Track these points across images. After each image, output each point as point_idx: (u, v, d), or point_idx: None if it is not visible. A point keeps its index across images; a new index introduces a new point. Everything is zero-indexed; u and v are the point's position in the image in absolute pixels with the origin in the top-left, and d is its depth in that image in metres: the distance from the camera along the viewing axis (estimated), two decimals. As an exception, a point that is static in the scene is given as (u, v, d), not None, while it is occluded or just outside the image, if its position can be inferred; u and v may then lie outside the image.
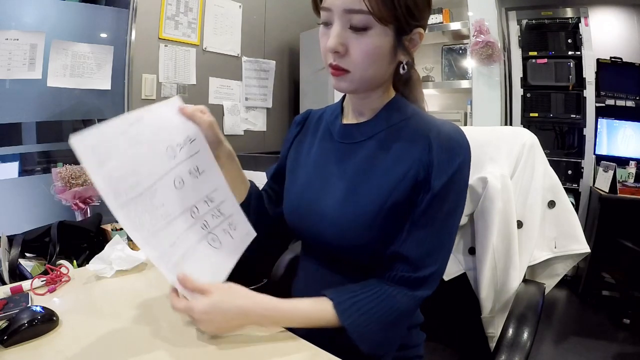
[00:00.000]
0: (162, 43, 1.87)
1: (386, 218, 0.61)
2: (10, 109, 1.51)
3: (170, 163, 0.58)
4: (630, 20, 2.38)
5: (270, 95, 2.49)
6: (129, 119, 0.55)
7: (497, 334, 0.83)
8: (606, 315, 2.07)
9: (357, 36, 0.58)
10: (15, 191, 1.56)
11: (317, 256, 0.72)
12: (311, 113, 0.82)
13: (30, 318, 0.57)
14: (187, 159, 0.61)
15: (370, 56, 0.59)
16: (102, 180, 0.51)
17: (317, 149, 0.73)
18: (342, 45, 0.59)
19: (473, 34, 2.23)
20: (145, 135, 0.56)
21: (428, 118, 0.66)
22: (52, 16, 1.59)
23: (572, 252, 0.89)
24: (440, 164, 0.60)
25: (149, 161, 0.56)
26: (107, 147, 0.52)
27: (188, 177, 0.61)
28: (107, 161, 0.51)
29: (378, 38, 0.58)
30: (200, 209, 0.62)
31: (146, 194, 0.55)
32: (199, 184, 0.62)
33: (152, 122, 0.57)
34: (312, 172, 0.71)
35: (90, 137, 0.51)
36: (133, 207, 0.53)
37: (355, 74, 0.61)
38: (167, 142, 0.59)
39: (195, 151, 0.62)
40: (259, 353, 0.56)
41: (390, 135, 0.66)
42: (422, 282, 0.61)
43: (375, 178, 0.63)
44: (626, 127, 2.33)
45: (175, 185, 0.59)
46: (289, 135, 0.82)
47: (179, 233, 0.59)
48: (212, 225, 0.64)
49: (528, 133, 0.91)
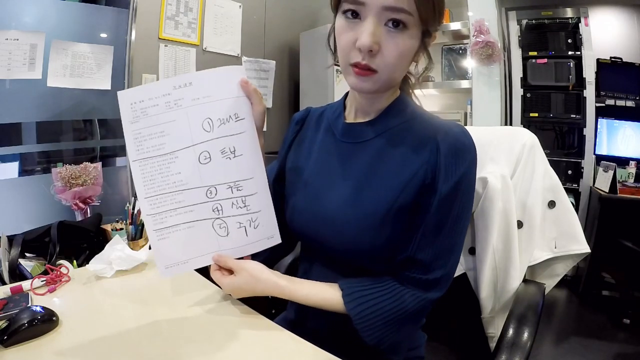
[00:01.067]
0: (162, 43, 1.87)
1: (393, 221, 0.60)
2: (10, 109, 1.51)
3: (202, 136, 0.58)
4: (630, 20, 2.38)
5: (270, 95, 2.49)
6: (177, 81, 0.56)
7: (497, 334, 0.83)
8: (606, 315, 2.07)
9: (393, 35, 0.55)
10: (15, 191, 1.56)
11: (319, 258, 0.71)
12: (311, 111, 0.79)
13: (30, 318, 0.57)
14: (224, 136, 0.59)
15: (402, 57, 0.58)
16: (130, 134, 0.55)
17: (319, 148, 0.72)
18: (377, 44, 0.55)
19: (473, 34, 2.23)
20: (186, 101, 0.56)
21: (434, 119, 0.65)
22: (52, 16, 1.59)
23: (572, 252, 0.89)
24: (448, 167, 0.59)
25: (180, 128, 0.57)
26: (144, 105, 0.55)
27: (218, 156, 0.59)
28: (141, 119, 0.55)
29: (411, 40, 0.57)
30: (219, 192, 0.60)
31: (166, 158, 0.57)
32: (229, 166, 0.60)
33: (200, 89, 0.57)
34: (314, 171, 0.70)
35: (133, 93, 0.55)
36: (149, 165, 0.56)
37: (383, 75, 0.58)
38: (207, 114, 0.58)
39: (238, 131, 0.60)
40: (259, 353, 0.56)
41: (395, 136, 0.64)
42: (433, 285, 0.60)
43: (382, 180, 0.62)
44: (626, 127, 2.32)
45: (199, 159, 0.58)
46: (289, 134, 0.80)
47: (185, 204, 0.59)
48: (227, 213, 0.62)
49: (528, 133, 0.90)
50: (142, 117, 0.55)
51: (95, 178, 1.48)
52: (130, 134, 0.56)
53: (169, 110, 0.56)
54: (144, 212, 0.58)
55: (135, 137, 0.56)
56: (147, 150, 0.56)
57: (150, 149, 0.56)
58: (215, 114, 0.58)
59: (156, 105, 0.56)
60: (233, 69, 0.60)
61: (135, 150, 0.56)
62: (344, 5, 0.57)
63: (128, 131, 0.56)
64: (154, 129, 0.56)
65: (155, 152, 0.56)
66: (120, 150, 2.00)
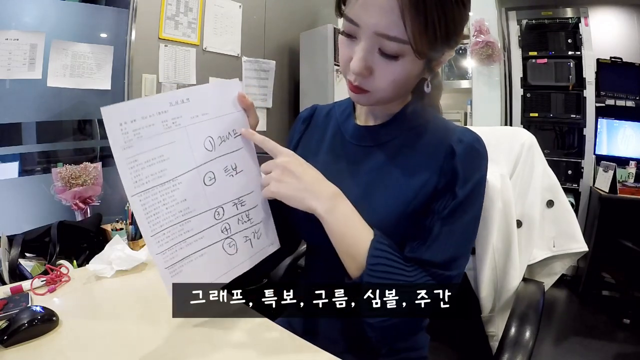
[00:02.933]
0: (162, 43, 1.87)
1: (405, 226, 0.60)
2: (10, 109, 1.52)
3: (205, 156, 0.53)
4: (630, 20, 2.38)
5: (270, 95, 2.49)
6: (173, 97, 0.49)
7: (497, 332, 0.84)
8: (606, 315, 2.07)
9: (385, 62, 0.53)
10: (15, 191, 1.56)
11: (328, 260, 0.68)
12: (317, 108, 0.78)
13: (30, 318, 0.57)
14: (226, 154, 0.55)
15: (396, 83, 0.56)
16: (124, 162, 0.46)
17: (327, 148, 0.71)
18: (367, 70, 0.54)
19: (473, 34, 2.24)
20: (185, 119, 0.50)
21: (446, 123, 0.65)
22: (52, 16, 1.59)
23: (571, 251, 0.90)
24: (465, 173, 0.59)
25: (182, 150, 0.50)
26: (138, 126, 0.46)
27: (222, 175, 0.55)
28: (135, 143, 0.46)
29: (407, 67, 0.54)
30: (226, 211, 0.57)
31: (168, 185, 0.49)
32: (232, 184, 0.57)
33: (198, 105, 0.52)
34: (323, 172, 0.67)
35: (122, 111, 0.46)
36: (151, 196, 0.48)
37: (377, 94, 0.57)
38: (209, 132, 0.53)
39: (238, 147, 0.57)
40: (259, 353, 0.56)
41: (408, 140, 0.64)
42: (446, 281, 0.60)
43: (393, 185, 0.62)
44: (626, 127, 2.32)
45: (204, 182, 0.53)
46: (294, 133, 0.78)
47: (195, 231, 0.53)
48: (234, 230, 0.58)
49: (527, 133, 0.91)
50: (137, 140, 0.47)
51: (95, 178, 1.48)
52: (124, 162, 0.46)
53: (168, 131, 0.49)
54: (152, 251, 0.50)
55: (131, 165, 0.47)
56: (146, 180, 0.48)
57: (150, 178, 0.48)
58: (216, 132, 0.54)
59: (152, 125, 0.48)
60: (230, 82, 0.56)
61: (133, 182, 0.47)
62: (344, 23, 0.56)
63: (121, 159, 0.46)
64: (152, 153, 0.48)
65: (156, 180, 0.49)
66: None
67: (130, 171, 0.47)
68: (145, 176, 0.48)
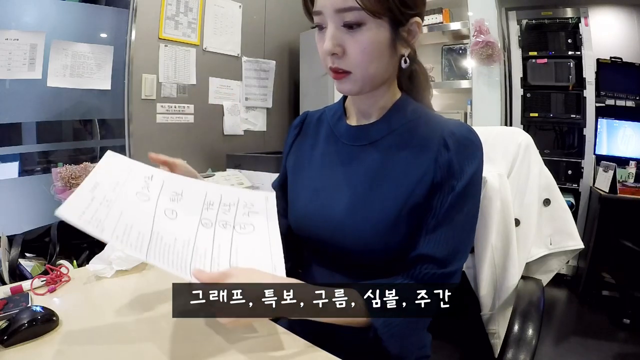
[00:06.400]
0: (162, 43, 1.87)
1: (406, 221, 0.60)
2: (10, 109, 1.52)
3: (149, 204, 0.57)
4: (630, 20, 2.38)
5: (270, 95, 2.49)
6: (86, 187, 0.54)
7: (498, 330, 0.84)
8: (606, 315, 2.07)
9: (352, 34, 0.57)
10: (15, 191, 1.56)
11: (329, 262, 0.69)
12: (308, 115, 0.79)
13: (30, 318, 0.57)
14: (160, 193, 0.60)
15: (368, 53, 0.58)
16: (115, 240, 0.50)
17: (321, 151, 0.71)
18: (338, 47, 0.58)
19: (473, 34, 2.23)
20: (110, 194, 0.55)
21: (438, 117, 0.65)
22: (52, 16, 1.59)
23: (567, 248, 0.91)
24: (461, 165, 0.59)
25: (133, 212, 0.55)
26: (91, 214, 0.50)
27: (174, 204, 0.59)
28: (104, 224, 0.50)
29: (373, 33, 0.57)
30: (210, 217, 0.60)
31: (154, 239, 0.52)
32: (188, 203, 0.61)
33: (108, 180, 0.57)
34: (318, 176, 0.69)
35: (74, 209, 0.50)
36: (153, 252, 0.51)
37: (357, 73, 0.59)
38: (133, 189, 0.58)
39: (160, 184, 0.61)
40: (260, 353, 0.56)
41: (400, 137, 0.64)
42: (447, 278, 0.60)
43: (391, 181, 0.62)
44: (626, 127, 2.32)
45: (170, 218, 0.57)
46: (288, 140, 0.80)
47: (207, 245, 0.56)
48: (231, 219, 0.62)
49: (523, 133, 0.92)
50: (103, 222, 0.50)
51: (95, 178, 1.48)
52: (114, 241, 0.50)
53: (110, 207, 0.53)
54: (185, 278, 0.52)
55: (120, 239, 0.50)
56: (139, 244, 0.51)
57: (139, 242, 0.51)
58: (137, 185, 0.58)
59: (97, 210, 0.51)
60: (105, 158, 0.61)
61: (135, 249, 0.50)
62: (313, 20, 0.61)
63: (108, 240, 0.50)
64: (121, 226, 0.51)
65: (144, 241, 0.51)
66: (120, 151, 2.00)
67: (125, 243, 0.50)
68: (134, 241, 0.51)
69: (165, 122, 1.87)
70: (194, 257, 0.53)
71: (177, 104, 1.93)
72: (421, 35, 0.64)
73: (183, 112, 1.97)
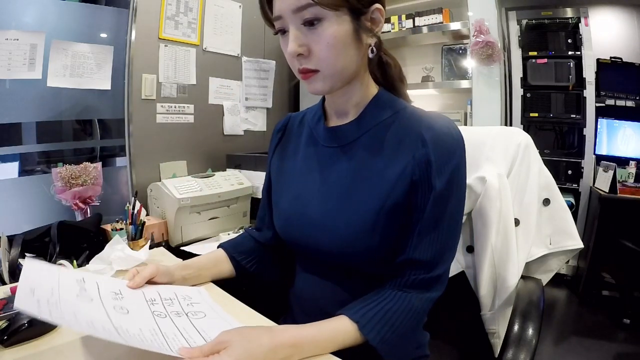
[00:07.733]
0: (162, 43, 1.87)
1: (386, 221, 0.60)
2: (10, 109, 1.51)
3: (95, 304, 0.55)
4: (630, 20, 2.38)
5: (270, 95, 2.49)
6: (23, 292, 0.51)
7: (498, 330, 0.84)
8: (606, 315, 2.07)
9: (314, 31, 0.56)
10: (15, 191, 1.56)
11: (315, 266, 0.70)
12: (291, 118, 0.79)
13: (30, 318, 0.57)
14: (99, 293, 0.58)
15: (333, 47, 0.57)
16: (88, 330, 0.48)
17: (303, 155, 0.71)
18: (303, 46, 0.57)
19: (473, 34, 2.23)
20: (51, 297, 0.52)
21: (416, 112, 0.64)
22: (52, 16, 1.59)
23: (567, 248, 0.91)
24: (439, 162, 0.58)
25: (85, 311, 0.52)
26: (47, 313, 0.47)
27: (119, 302, 0.58)
28: (79, 323, 0.48)
29: (335, 26, 0.56)
30: (159, 310, 0.58)
31: (121, 332, 0.49)
32: (132, 300, 0.59)
33: (42, 287, 0.54)
34: (300, 179, 0.69)
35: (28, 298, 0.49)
36: (132, 341, 0.48)
37: (325, 70, 0.58)
38: (72, 292, 0.55)
39: (96, 286, 0.60)
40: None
41: (378, 133, 0.63)
42: (434, 282, 0.60)
43: (369, 181, 0.61)
44: (626, 127, 2.33)
45: (123, 313, 0.55)
46: (271, 145, 0.79)
47: (174, 330, 0.54)
48: (179, 309, 0.60)
49: (523, 133, 0.92)
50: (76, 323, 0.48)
51: (95, 178, 1.48)
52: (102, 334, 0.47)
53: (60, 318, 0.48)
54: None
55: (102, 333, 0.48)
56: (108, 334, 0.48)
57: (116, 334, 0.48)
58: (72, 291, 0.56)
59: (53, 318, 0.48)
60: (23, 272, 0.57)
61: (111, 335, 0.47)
62: (275, 27, 0.61)
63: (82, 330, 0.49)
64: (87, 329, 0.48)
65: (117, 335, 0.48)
66: (120, 151, 2.00)
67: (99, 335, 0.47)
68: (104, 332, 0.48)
69: (165, 122, 1.87)
70: (168, 341, 0.50)
71: (177, 104, 1.93)
72: (384, 23, 0.62)
73: (183, 112, 1.96)
